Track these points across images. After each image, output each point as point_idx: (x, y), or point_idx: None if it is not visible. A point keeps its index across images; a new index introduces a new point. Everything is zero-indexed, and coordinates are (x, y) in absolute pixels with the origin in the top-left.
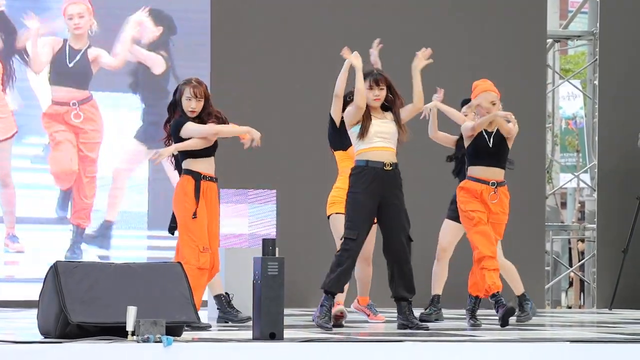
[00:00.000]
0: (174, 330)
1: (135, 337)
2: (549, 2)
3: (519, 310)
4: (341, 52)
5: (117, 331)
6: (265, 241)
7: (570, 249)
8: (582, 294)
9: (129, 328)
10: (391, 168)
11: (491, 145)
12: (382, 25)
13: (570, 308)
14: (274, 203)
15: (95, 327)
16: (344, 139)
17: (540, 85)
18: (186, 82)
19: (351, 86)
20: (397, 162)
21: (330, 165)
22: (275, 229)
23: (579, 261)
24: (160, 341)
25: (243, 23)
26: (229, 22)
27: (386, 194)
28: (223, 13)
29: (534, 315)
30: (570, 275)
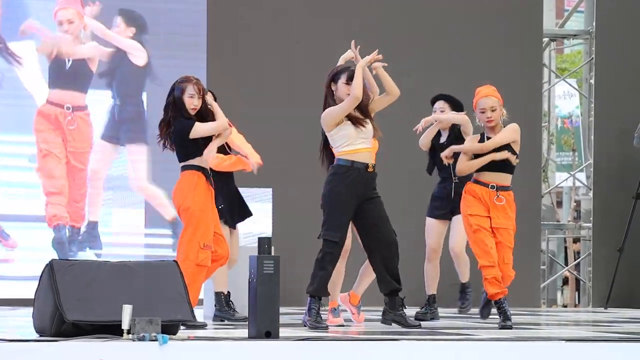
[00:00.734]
0: (169, 329)
1: (130, 336)
2: (545, 1)
3: (460, 300)
4: (352, 51)
5: (113, 329)
6: (261, 240)
7: (566, 248)
8: (578, 292)
9: (125, 326)
10: (372, 170)
11: (491, 150)
12: (379, 23)
13: (565, 307)
14: (270, 201)
15: (91, 326)
16: None
17: (536, 84)
18: (186, 80)
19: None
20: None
21: None
22: (271, 228)
23: (575, 260)
24: (156, 340)
25: (239, 19)
26: (225, 18)
27: (366, 193)
28: (219, 8)
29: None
30: (565, 274)
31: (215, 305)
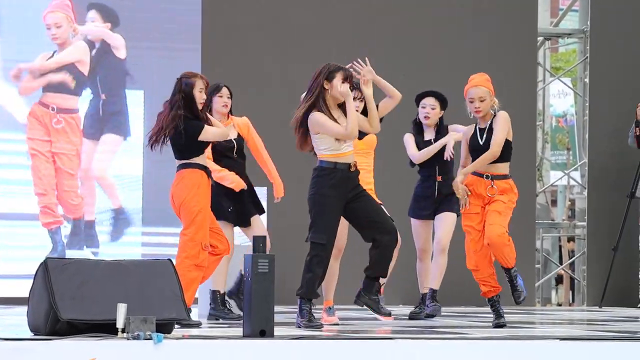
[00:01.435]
0: (164, 328)
1: (125, 334)
2: (539, 0)
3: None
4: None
5: (107, 328)
6: (255, 238)
7: (560, 247)
8: (572, 291)
9: (119, 325)
10: (354, 169)
11: (482, 143)
12: (373, 22)
13: (560, 305)
14: (265, 200)
15: (86, 324)
16: None
17: (530, 83)
18: (194, 75)
19: None
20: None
21: None
22: (265, 226)
23: (569, 259)
24: (151, 338)
25: (235, 15)
26: (220, 15)
27: (351, 192)
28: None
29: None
30: (559, 273)
31: (211, 304)
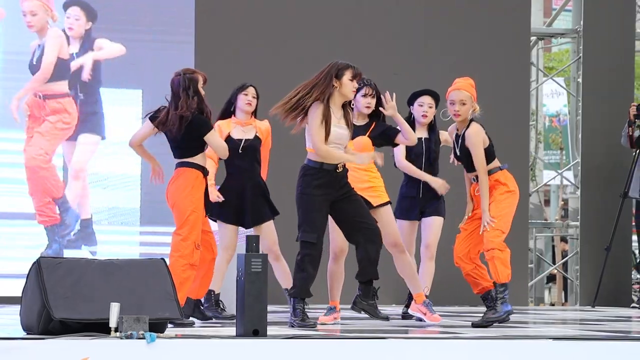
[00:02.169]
0: (157, 327)
1: (118, 334)
2: (532, 0)
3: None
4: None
5: (100, 327)
6: (249, 238)
7: (553, 247)
8: (565, 291)
9: (112, 324)
10: (341, 169)
11: (458, 151)
12: (368, 22)
13: (553, 305)
14: None
15: (78, 324)
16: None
17: (524, 83)
18: (195, 71)
19: None
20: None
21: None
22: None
23: (562, 258)
24: (144, 337)
25: (229, 9)
26: (214, 7)
27: (338, 192)
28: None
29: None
30: (552, 272)
31: (204, 304)
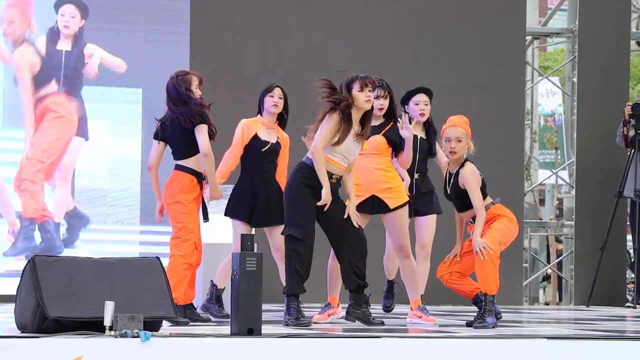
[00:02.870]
0: (151, 325)
1: (112, 332)
2: (528, 0)
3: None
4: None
5: (95, 326)
6: (244, 236)
7: (548, 246)
8: (560, 290)
9: (107, 323)
10: (336, 180)
11: (448, 189)
12: (362, 22)
13: (547, 304)
14: None
15: (73, 322)
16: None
17: (519, 82)
18: (188, 72)
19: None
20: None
21: None
22: None
23: (557, 258)
24: (138, 336)
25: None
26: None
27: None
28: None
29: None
30: (547, 272)
31: (207, 294)
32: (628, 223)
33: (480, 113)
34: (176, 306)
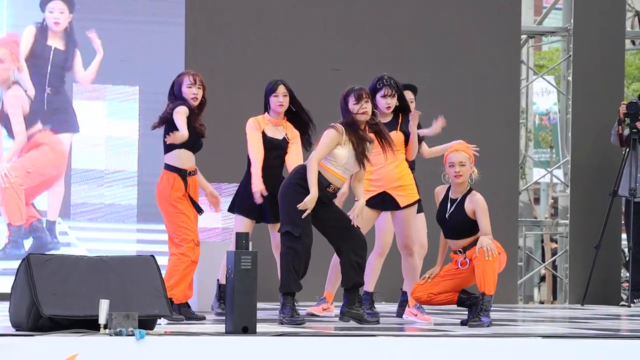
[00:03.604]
0: (146, 324)
1: (107, 330)
2: None
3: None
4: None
5: (90, 324)
6: (238, 235)
7: (543, 245)
8: (555, 289)
9: (102, 321)
10: (333, 191)
11: (448, 216)
12: (358, 20)
13: (542, 303)
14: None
15: (68, 320)
16: None
17: (514, 81)
18: (183, 73)
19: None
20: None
21: (306, 156)
22: None
23: (552, 257)
24: (133, 334)
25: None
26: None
27: (322, 199)
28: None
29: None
30: (542, 271)
31: (216, 295)
32: (623, 222)
33: (475, 111)
34: (172, 305)
